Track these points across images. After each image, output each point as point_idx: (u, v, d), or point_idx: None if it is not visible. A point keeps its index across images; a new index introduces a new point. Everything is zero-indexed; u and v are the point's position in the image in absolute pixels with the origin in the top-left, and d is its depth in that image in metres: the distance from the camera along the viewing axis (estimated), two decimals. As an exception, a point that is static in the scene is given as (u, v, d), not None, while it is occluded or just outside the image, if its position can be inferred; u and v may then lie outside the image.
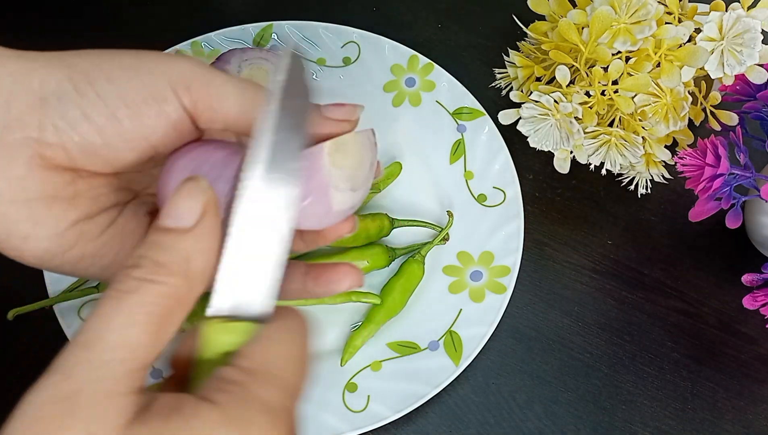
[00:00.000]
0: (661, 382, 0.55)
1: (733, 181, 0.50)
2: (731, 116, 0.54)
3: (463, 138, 0.60)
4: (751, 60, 0.51)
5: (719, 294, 0.58)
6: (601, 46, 0.52)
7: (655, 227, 0.60)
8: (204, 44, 0.62)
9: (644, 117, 0.53)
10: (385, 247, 0.56)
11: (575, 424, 0.54)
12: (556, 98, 0.53)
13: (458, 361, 0.52)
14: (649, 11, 0.51)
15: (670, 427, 0.54)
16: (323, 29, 0.63)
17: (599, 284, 0.58)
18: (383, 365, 0.53)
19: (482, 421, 0.54)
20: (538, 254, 0.59)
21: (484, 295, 0.55)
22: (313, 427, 0.50)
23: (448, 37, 0.66)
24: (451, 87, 0.62)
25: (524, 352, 0.56)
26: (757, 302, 0.51)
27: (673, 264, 0.59)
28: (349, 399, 0.52)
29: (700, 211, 0.51)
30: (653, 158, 0.56)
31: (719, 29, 0.51)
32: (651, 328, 0.57)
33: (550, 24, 0.57)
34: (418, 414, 0.53)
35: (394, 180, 0.59)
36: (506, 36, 0.65)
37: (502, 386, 0.55)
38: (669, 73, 0.52)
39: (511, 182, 0.58)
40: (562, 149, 0.55)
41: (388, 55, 0.63)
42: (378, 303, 0.54)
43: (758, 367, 0.56)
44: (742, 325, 0.57)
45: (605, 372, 0.55)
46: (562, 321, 0.57)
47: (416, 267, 0.56)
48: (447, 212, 0.57)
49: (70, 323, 0.52)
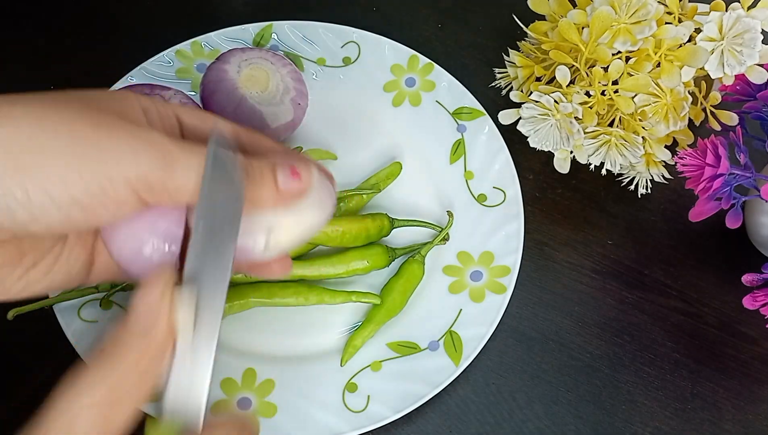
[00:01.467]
0: (661, 382, 0.55)
1: (733, 181, 0.50)
2: (731, 116, 0.54)
3: (463, 138, 0.60)
4: (751, 60, 0.51)
5: (719, 294, 0.58)
6: (601, 46, 0.52)
7: (655, 227, 0.60)
8: (204, 44, 0.62)
9: (644, 117, 0.53)
10: (385, 247, 0.56)
11: (575, 424, 0.54)
12: (556, 98, 0.53)
13: (458, 361, 0.52)
14: (649, 11, 0.51)
15: (670, 427, 0.54)
16: (323, 29, 0.63)
17: (599, 284, 0.58)
18: (383, 365, 0.53)
19: (482, 421, 0.54)
20: (538, 254, 0.59)
21: (484, 295, 0.55)
22: (313, 427, 0.50)
23: (448, 36, 0.67)
24: (451, 87, 0.62)
25: (524, 352, 0.56)
26: (757, 302, 0.51)
27: (673, 264, 0.59)
28: (349, 399, 0.52)
29: (700, 211, 0.51)
30: (653, 158, 0.56)
31: (719, 29, 0.51)
32: (651, 328, 0.57)
33: (550, 24, 0.57)
34: (418, 414, 0.53)
35: (394, 180, 0.59)
36: (506, 36, 0.65)
37: (502, 386, 0.55)
38: (669, 73, 0.52)
39: (511, 182, 0.58)
40: (562, 149, 0.55)
41: (388, 55, 0.63)
42: (378, 303, 0.54)
43: (758, 367, 0.56)
44: (742, 325, 0.57)
45: (605, 372, 0.55)
46: (562, 321, 0.57)
47: (416, 267, 0.56)
48: (447, 212, 0.57)
49: (70, 323, 0.52)
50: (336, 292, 0.54)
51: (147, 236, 0.36)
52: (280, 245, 0.38)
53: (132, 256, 0.37)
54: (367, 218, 0.56)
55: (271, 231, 0.37)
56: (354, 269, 0.55)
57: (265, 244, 0.37)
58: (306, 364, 0.53)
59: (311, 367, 0.53)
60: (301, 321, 0.55)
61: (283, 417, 0.51)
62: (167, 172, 0.33)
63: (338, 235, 0.55)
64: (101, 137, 0.32)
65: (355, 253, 0.55)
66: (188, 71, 0.61)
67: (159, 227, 0.36)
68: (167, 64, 0.61)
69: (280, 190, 0.35)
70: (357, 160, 0.60)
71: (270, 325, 0.55)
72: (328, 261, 0.55)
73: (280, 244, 0.38)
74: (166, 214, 0.36)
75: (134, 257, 0.37)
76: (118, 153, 0.32)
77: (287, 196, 0.36)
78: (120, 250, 0.37)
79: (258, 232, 0.37)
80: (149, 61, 0.61)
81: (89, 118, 0.32)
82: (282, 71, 0.57)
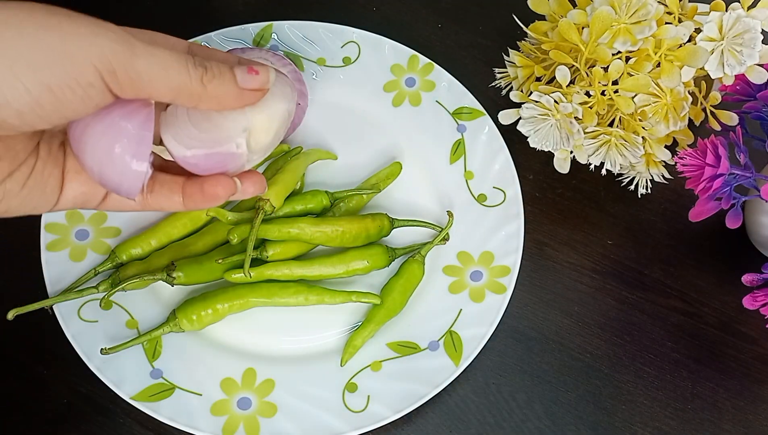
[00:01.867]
0: (661, 382, 0.55)
1: (733, 181, 0.50)
2: (731, 116, 0.54)
3: (463, 138, 0.60)
4: (751, 60, 0.51)
5: (719, 294, 0.58)
6: (601, 46, 0.52)
7: (655, 227, 0.60)
8: (204, 44, 0.62)
9: (644, 117, 0.53)
10: (385, 247, 0.56)
11: (575, 424, 0.54)
12: (556, 98, 0.53)
13: (458, 361, 0.52)
14: (649, 11, 0.51)
15: (670, 427, 0.54)
16: (323, 29, 0.63)
17: (599, 284, 0.58)
18: (383, 365, 0.53)
19: (482, 421, 0.54)
20: (538, 254, 0.59)
21: (484, 295, 0.55)
22: (313, 427, 0.50)
23: (448, 36, 0.67)
24: (451, 87, 0.62)
25: (524, 352, 0.56)
26: (757, 302, 0.51)
27: (673, 264, 0.59)
28: (349, 399, 0.52)
29: (700, 211, 0.51)
30: (653, 158, 0.56)
31: (719, 29, 0.51)
32: (651, 328, 0.57)
33: (550, 24, 0.57)
34: (418, 414, 0.53)
35: (394, 180, 0.59)
36: (506, 36, 0.65)
37: (502, 386, 0.55)
38: (669, 73, 0.52)
39: (511, 182, 0.58)
40: (562, 149, 0.55)
41: (388, 55, 0.63)
42: (378, 303, 0.54)
43: (758, 367, 0.56)
44: (742, 325, 0.57)
45: (605, 372, 0.55)
46: (562, 321, 0.57)
47: (416, 267, 0.56)
48: (447, 212, 0.57)
49: (70, 323, 0.52)
50: (336, 292, 0.54)
51: (113, 138, 0.37)
52: (261, 144, 0.40)
53: (99, 160, 0.37)
54: (367, 218, 0.56)
55: (248, 132, 0.40)
56: (354, 269, 0.55)
57: (248, 145, 0.40)
58: (306, 364, 0.53)
59: (311, 367, 0.53)
60: (301, 321, 0.55)
61: (283, 417, 0.51)
62: (128, 57, 0.34)
63: (338, 235, 0.55)
64: (62, 22, 0.33)
65: (355, 253, 0.55)
66: (188, 71, 0.61)
67: (125, 127, 0.37)
68: (167, 64, 0.61)
69: (241, 86, 0.38)
70: (357, 160, 0.60)
71: (270, 325, 0.55)
72: (328, 261, 0.55)
73: (260, 143, 0.40)
74: (133, 114, 0.37)
75: (101, 160, 0.37)
76: (78, 36, 0.33)
77: (249, 93, 0.38)
78: (87, 154, 0.37)
79: (237, 136, 0.39)
80: (149, 61, 0.60)
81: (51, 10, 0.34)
82: (282, 71, 0.57)
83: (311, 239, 0.54)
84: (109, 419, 0.53)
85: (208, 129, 0.39)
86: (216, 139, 0.39)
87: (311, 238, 0.54)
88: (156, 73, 0.35)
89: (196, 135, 0.39)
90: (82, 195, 0.40)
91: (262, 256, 0.54)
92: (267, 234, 0.54)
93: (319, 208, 0.56)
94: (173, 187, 0.41)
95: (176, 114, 0.40)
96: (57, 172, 0.39)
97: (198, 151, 0.39)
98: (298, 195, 0.56)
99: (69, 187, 0.40)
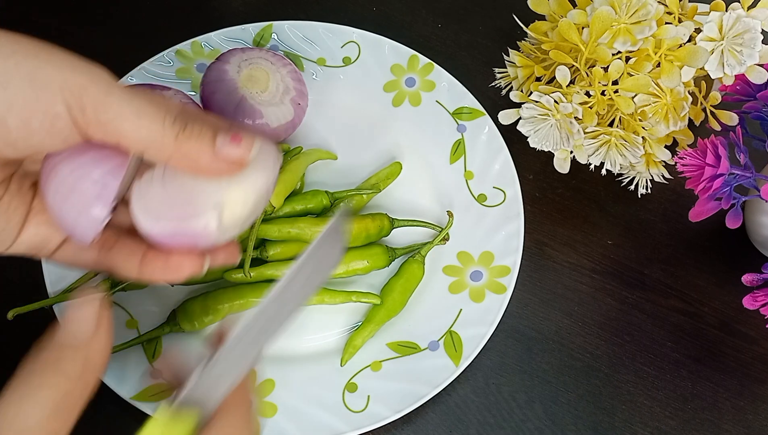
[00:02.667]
0: (661, 382, 0.55)
1: (733, 181, 0.50)
2: (731, 116, 0.54)
3: (463, 138, 0.60)
4: (751, 60, 0.51)
5: (719, 294, 0.58)
6: (601, 46, 0.52)
7: (655, 227, 0.60)
8: (204, 44, 0.62)
9: (644, 117, 0.53)
10: (385, 247, 0.56)
11: (575, 424, 0.54)
12: (556, 98, 0.53)
13: (458, 361, 0.52)
14: (649, 11, 0.51)
15: (670, 427, 0.54)
16: (323, 29, 0.63)
17: (599, 284, 0.58)
18: (383, 365, 0.53)
19: (482, 421, 0.54)
20: (538, 254, 0.59)
21: (484, 295, 0.55)
22: (313, 427, 0.50)
23: (448, 36, 0.67)
24: (451, 87, 0.62)
25: (524, 352, 0.56)
26: (757, 302, 0.51)
27: (673, 264, 0.59)
28: (349, 399, 0.52)
29: (700, 211, 0.51)
30: (653, 158, 0.56)
31: (719, 29, 0.51)
32: (651, 328, 0.57)
33: (551, 24, 0.57)
34: (418, 414, 0.53)
35: (394, 180, 0.59)
36: (506, 36, 0.65)
37: (502, 386, 0.55)
38: (669, 73, 0.52)
39: (511, 182, 0.58)
40: (562, 149, 0.55)
41: (388, 55, 0.63)
42: (378, 303, 0.54)
43: (758, 367, 0.56)
44: (742, 325, 0.57)
45: (605, 372, 0.55)
46: (562, 321, 0.57)
47: (416, 267, 0.56)
48: (447, 212, 0.57)
49: (70, 323, 0.52)
50: (336, 292, 0.54)
51: (79, 177, 0.35)
52: (232, 222, 0.37)
53: (61, 196, 0.36)
54: (367, 218, 0.56)
55: (220, 208, 0.36)
56: (354, 269, 0.55)
57: (218, 223, 0.36)
58: (306, 364, 0.53)
59: (311, 367, 0.53)
60: (301, 321, 0.55)
61: (283, 417, 0.51)
62: (102, 96, 0.33)
63: (338, 235, 0.55)
64: (42, 51, 0.33)
65: (355, 253, 0.55)
66: (188, 71, 0.61)
67: (93, 171, 0.35)
68: (167, 64, 0.61)
69: (218, 152, 0.34)
70: (357, 160, 0.60)
71: (270, 325, 0.55)
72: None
73: (232, 219, 0.37)
74: (105, 159, 0.35)
75: (63, 197, 0.35)
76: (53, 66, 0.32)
77: (228, 163, 0.35)
78: (51, 189, 0.36)
79: (206, 212, 0.36)
80: (149, 61, 0.61)
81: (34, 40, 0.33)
82: (282, 71, 0.57)
83: (311, 239, 0.54)
84: (109, 419, 0.53)
85: (180, 202, 0.36)
86: (186, 214, 0.36)
87: (311, 238, 0.54)
88: (127, 118, 0.33)
89: (167, 207, 0.36)
90: (38, 237, 0.38)
91: (262, 256, 0.54)
92: (267, 234, 0.54)
93: (319, 208, 0.56)
94: (135, 250, 0.38)
95: (152, 182, 0.37)
96: (22, 210, 0.37)
97: (166, 224, 0.36)
98: (298, 195, 0.56)
99: (29, 227, 0.38)
